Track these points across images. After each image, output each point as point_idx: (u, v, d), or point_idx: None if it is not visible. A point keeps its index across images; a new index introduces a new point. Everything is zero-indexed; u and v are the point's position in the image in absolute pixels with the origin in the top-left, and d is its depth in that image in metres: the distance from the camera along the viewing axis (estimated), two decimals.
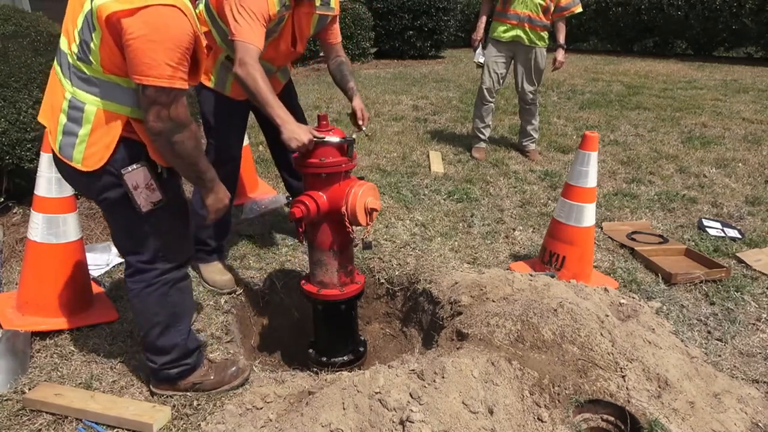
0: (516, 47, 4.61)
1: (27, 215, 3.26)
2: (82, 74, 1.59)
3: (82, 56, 1.57)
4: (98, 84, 1.59)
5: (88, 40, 1.53)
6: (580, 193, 2.76)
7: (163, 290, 1.86)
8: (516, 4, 4.46)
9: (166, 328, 1.90)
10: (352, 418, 1.67)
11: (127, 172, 1.65)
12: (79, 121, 1.62)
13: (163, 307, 1.88)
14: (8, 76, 3.43)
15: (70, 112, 1.63)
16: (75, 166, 1.66)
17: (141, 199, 1.69)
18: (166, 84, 1.49)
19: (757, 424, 1.84)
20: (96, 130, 1.62)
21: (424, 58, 11.54)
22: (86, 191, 1.81)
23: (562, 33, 4.64)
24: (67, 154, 1.66)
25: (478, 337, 2.04)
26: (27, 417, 1.89)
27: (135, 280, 1.86)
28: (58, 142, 1.67)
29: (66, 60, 1.63)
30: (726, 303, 2.67)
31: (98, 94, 1.60)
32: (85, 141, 1.63)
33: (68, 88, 1.62)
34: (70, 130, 1.64)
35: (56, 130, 1.66)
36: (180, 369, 1.97)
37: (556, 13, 4.51)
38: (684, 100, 7.13)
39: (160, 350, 1.92)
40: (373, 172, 4.41)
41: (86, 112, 1.61)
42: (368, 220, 2.13)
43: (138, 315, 1.94)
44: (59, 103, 1.65)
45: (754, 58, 11.63)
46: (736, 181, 4.33)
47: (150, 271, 1.84)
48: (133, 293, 1.87)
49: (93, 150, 1.63)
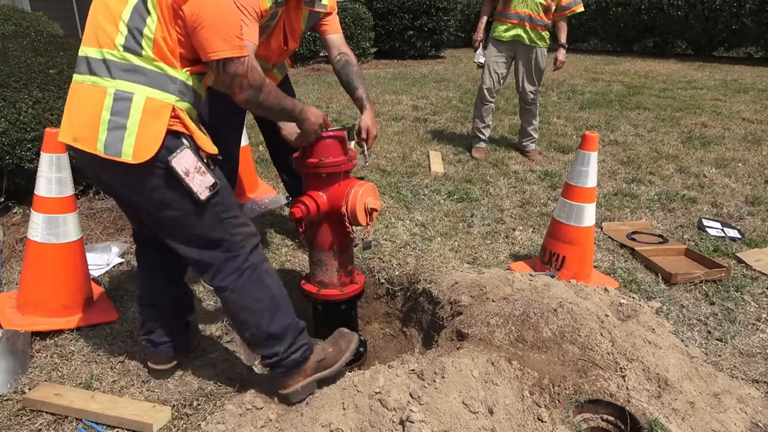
0: (516, 47, 4.60)
1: (27, 215, 3.26)
2: (127, 65, 1.61)
3: (130, 46, 1.59)
4: (146, 73, 1.61)
5: (141, 27, 1.58)
6: (580, 193, 2.76)
7: (255, 274, 1.83)
8: (516, 3, 4.44)
9: (274, 312, 1.86)
10: (352, 418, 1.67)
11: (174, 158, 1.61)
12: (126, 113, 1.60)
13: (262, 291, 1.84)
14: (8, 76, 3.43)
15: (116, 105, 1.60)
16: (125, 161, 1.60)
17: (196, 185, 1.65)
18: (239, 54, 1.61)
19: (757, 424, 1.84)
20: (145, 119, 1.60)
21: (424, 58, 11.54)
22: (137, 191, 1.70)
23: (563, 32, 4.63)
24: (115, 150, 1.61)
25: (478, 337, 2.04)
26: (27, 417, 1.89)
27: (223, 276, 1.79)
28: (102, 143, 1.61)
29: (99, 60, 1.63)
30: (726, 303, 2.67)
31: (146, 83, 1.61)
32: (134, 132, 1.59)
33: (109, 84, 1.61)
34: (117, 124, 1.60)
35: (97, 132, 1.62)
36: (302, 350, 1.91)
37: (558, 12, 4.49)
38: (684, 100, 7.13)
39: (277, 336, 1.86)
40: (373, 172, 4.41)
41: (134, 101, 1.60)
42: (368, 220, 2.13)
43: (240, 312, 1.85)
44: (97, 103, 1.62)
45: (754, 58, 11.63)
46: (736, 181, 4.33)
47: (235, 259, 1.79)
48: (227, 292, 1.81)
49: (143, 140, 1.60)
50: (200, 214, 1.71)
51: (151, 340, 2.06)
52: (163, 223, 1.76)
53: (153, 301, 2.06)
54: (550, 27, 4.57)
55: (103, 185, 1.94)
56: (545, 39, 4.59)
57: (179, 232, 1.77)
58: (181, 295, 2.14)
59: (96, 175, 1.79)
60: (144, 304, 2.08)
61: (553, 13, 4.48)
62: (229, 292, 1.81)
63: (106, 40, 1.62)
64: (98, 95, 1.63)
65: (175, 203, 1.68)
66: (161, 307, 2.06)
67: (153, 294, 2.05)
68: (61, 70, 3.68)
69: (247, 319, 1.85)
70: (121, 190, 1.80)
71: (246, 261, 1.81)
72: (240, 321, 1.87)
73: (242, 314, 1.85)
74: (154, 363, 2.08)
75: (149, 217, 1.81)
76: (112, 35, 1.61)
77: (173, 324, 2.09)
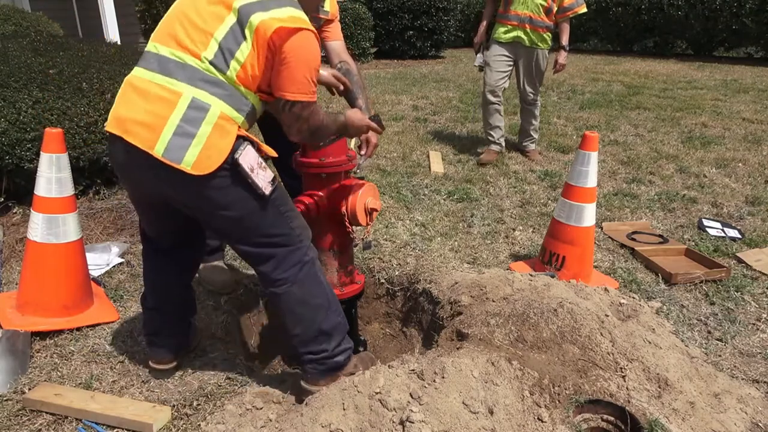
0: (517, 48, 4.56)
1: (27, 215, 3.26)
2: (211, 77, 1.62)
3: (217, 63, 1.61)
4: (226, 88, 1.63)
5: (233, 50, 1.60)
6: (580, 193, 2.76)
7: (314, 269, 1.84)
8: (516, 5, 4.41)
9: (328, 309, 1.87)
10: (352, 419, 1.67)
11: (240, 155, 1.61)
12: (198, 123, 1.59)
13: (319, 287, 1.86)
14: (8, 76, 3.43)
15: (189, 112, 1.59)
16: (183, 169, 1.58)
17: (260, 181, 1.65)
18: (309, 99, 1.66)
19: (757, 424, 1.84)
20: (214, 133, 1.59)
21: (424, 58, 11.54)
22: (192, 197, 1.68)
23: (565, 34, 4.57)
24: (176, 156, 1.58)
25: (478, 337, 2.04)
26: (27, 417, 1.89)
27: (285, 269, 1.79)
28: (163, 145, 1.59)
29: (177, 63, 1.63)
30: (726, 303, 2.67)
31: (225, 98, 1.62)
32: (201, 143, 1.58)
33: (186, 90, 1.61)
34: (185, 132, 1.59)
35: (160, 133, 1.59)
36: (345, 353, 1.93)
37: (560, 13, 4.44)
38: (684, 100, 7.13)
39: (328, 334, 1.88)
40: (373, 172, 4.41)
41: (210, 113, 1.60)
42: (368, 220, 2.13)
43: (297, 306, 1.84)
44: (168, 106, 1.60)
45: (754, 58, 11.63)
46: (736, 181, 4.33)
47: (296, 252, 1.80)
48: (287, 284, 1.80)
49: (207, 153, 1.59)
50: (263, 210, 1.71)
51: (153, 341, 2.06)
52: (222, 225, 1.75)
53: (158, 303, 2.05)
54: (552, 28, 4.52)
55: (132, 181, 1.81)
56: (546, 40, 4.54)
57: (239, 232, 1.76)
58: (187, 298, 2.14)
59: (131, 170, 1.73)
60: (148, 306, 2.07)
61: (555, 14, 4.43)
62: (289, 285, 1.80)
63: (190, 47, 1.63)
64: (171, 97, 1.61)
65: (237, 204, 1.67)
66: (166, 309, 2.05)
67: (158, 296, 2.04)
68: (61, 70, 3.69)
69: (304, 314, 1.84)
70: (164, 192, 1.72)
71: (306, 254, 1.82)
72: (296, 316, 1.85)
73: (299, 308, 1.84)
74: (155, 362, 2.08)
75: (204, 221, 1.80)
76: (199, 47, 1.62)
77: (176, 325, 2.09)
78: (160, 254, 2.00)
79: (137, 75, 1.69)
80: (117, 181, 3.72)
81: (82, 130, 3.42)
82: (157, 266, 2.02)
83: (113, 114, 1.69)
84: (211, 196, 1.65)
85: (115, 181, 3.71)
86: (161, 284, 2.04)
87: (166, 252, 1.98)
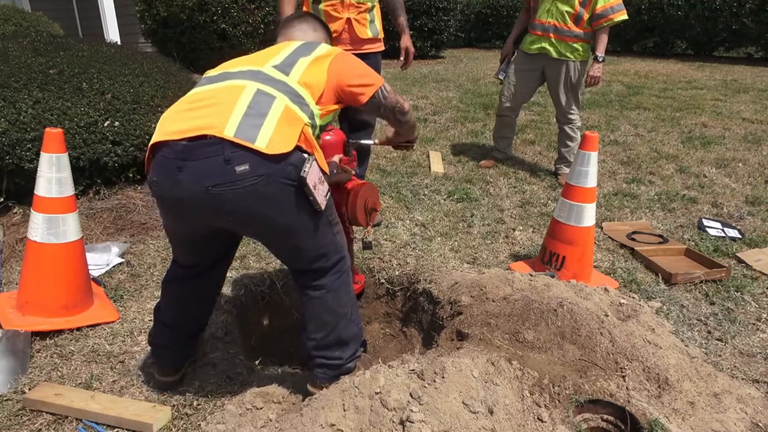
0: (545, 60, 4.16)
1: (27, 215, 3.26)
2: (272, 78, 1.68)
3: (280, 67, 1.72)
4: (288, 89, 1.67)
5: (295, 59, 1.75)
6: (580, 193, 2.76)
7: (348, 278, 1.84)
8: (541, 13, 4.05)
9: (350, 318, 1.86)
10: (352, 418, 1.67)
11: (306, 173, 1.56)
12: (267, 106, 1.58)
13: (348, 295, 1.86)
14: (8, 76, 3.43)
15: (257, 98, 1.59)
16: (257, 149, 1.50)
17: (320, 197, 1.63)
18: (383, 82, 1.85)
19: (757, 424, 1.84)
20: (282, 122, 1.57)
21: (424, 58, 11.53)
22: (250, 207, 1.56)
23: (601, 44, 4.03)
24: (250, 134, 1.51)
25: (478, 337, 2.04)
26: (27, 417, 1.89)
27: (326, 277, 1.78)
28: (234, 125, 1.51)
29: (238, 71, 1.71)
30: (726, 303, 2.67)
31: (287, 94, 1.65)
32: (273, 125, 1.55)
33: (251, 84, 1.63)
34: (255, 112, 1.56)
35: (228, 117, 1.53)
36: (356, 359, 1.93)
37: (594, 21, 3.94)
38: (684, 100, 7.13)
39: (346, 342, 1.87)
40: (373, 172, 4.41)
41: (276, 103, 1.60)
42: (368, 220, 2.13)
43: (324, 313, 1.82)
44: (235, 95, 1.59)
45: (754, 58, 11.63)
46: (736, 181, 4.33)
47: (340, 260, 1.80)
48: (323, 290, 1.78)
49: (280, 136, 1.55)
50: (316, 223, 1.70)
51: (160, 353, 2.00)
52: (273, 238, 1.73)
53: (175, 322, 1.98)
54: (584, 36, 4.02)
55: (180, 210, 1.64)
56: (579, 51, 4.06)
57: (290, 243, 1.72)
58: (207, 314, 2.09)
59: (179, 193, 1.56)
60: (164, 321, 1.98)
61: (588, 22, 3.96)
62: (324, 291, 1.79)
63: (254, 62, 1.74)
64: (233, 90, 1.61)
65: (295, 218, 1.63)
66: (182, 326, 2.00)
67: (180, 316, 1.97)
68: (61, 70, 3.69)
69: (329, 321, 1.83)
70: (217, 214, 1.59)
71: (346, 263, 1.82)
72: (321, 322, 1.83)
73: (326, 315, 1.82)
74: (160, 374, 2.02)
75: (254, 234, 1.81)
76: (264, 60, 1.74)
77: (187, 341, 2.05)
78: (193, 279, 1.92)
79: (193, 93, 1.70)
80: (117, 181, 3.72)
81: (82, 130, 3.42)
82: (182, 295, 1.95)
83: (161, 128, 1.61)
84: (272, 207, 1.59)
85: (115, 181, 3.71)
86: (181, 311, 1.96)
87: (203, 272, 1.92)
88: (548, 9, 4.02)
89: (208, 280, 1.97)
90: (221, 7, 7.61)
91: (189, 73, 4.95)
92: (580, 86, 4.22)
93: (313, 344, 1.87)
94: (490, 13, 13.54)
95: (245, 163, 1.50)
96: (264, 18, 7.97)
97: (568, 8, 3.95)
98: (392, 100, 1.87)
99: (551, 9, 4.01)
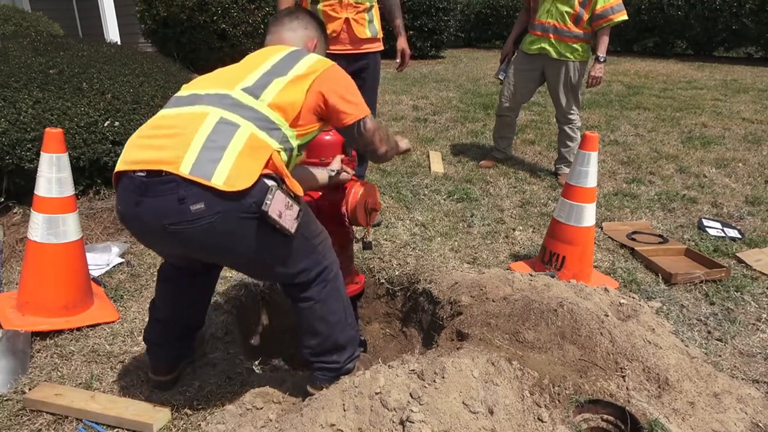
0: (545, 61, 4.17)
1: (27, 215, 3.26)
2: (239, 102, 1.60)
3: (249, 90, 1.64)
4: (255, 115, 1.59)
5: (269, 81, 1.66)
6: (580, 193, 2.76)
7: (336, 284, 1.82)
8: (541, 13, 4.05)
9: (345, 323, 1.86)
10: (352, 418, 1.67)
11: (267, 206, 1.51)
12: (228, 138, 1.51)
13: (339, 302, 1.84)
14: (8, 76, 3.43)
15: (219, 127, 1.52)
16: (214, 186, 1.45)
17: (287, 223, 1.57)
18: (368, 113, 1.78)
19: (757, 424, 1.84)
20: (243, 154, 1.50)
21: (424, 58, 11.54)
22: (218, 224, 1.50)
23: (600, 45, 4.07)
24: (206, 171, 1.45)
25: (478, 337, 2.04)
26: (27, 417, 1.89)
27: (310, 290, 1.77)
28: (191, 161, 1.46)
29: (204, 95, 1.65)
30: (726, 303, 2.67)
31: (254, 120, 1.58)
32: (232, 159, 1.48)
33: (214, 112, 1.56)
34: (214, 145, 1.49)
35: (185, 151, 1.48)
36: (354, 360, 1.94)
37: (594, 21, 3.94)
38: (684, 100, 7.13)
39: (343, 347, 1.87)
40: (373, 172, 4.41)
41: (239, 133, 1.53)
42: (368, 220, 2.13)
43: (316, 322, 1.81)
44: (196, 124, 1.53)
45: (754, 58, 11.63)
46: (736, 181, 4.33)
47: (323, 271, 1.78)
48: (311, 302, 1.78)
49: (238, 171, 1.48)
50: (289, 246, 1.66)
51: (154, 351, 1.99)
52: (247, 267, 1.74)
53: (170, 318, 1.96)
54: (584, 36, 4.03)
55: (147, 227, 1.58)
56: (579, 51, 4.07)
57: (265, 268, 1.73)
58: (203, 312, 2.08)
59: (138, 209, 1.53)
60: (158, 318, 1.95)
61: (588, 22, 3.96)
62: (313, 302, 1.78)
63: (224, 84, 1.65)
64: (195, 118, 1.54)
65: (263, 247, 1.60)
66: (176, 322, 1.98)
67: (174, 312, 1.96)
68: (61, 70, 3.69)
69: (322, 330, 1.82)
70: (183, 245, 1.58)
71: (331, 271, 1.80)
72: (313, 330, 1.83)
73: (318, 324, 1.82)
74: (154, 374, 2.01)
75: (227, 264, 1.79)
76: (236, 81, 1.66)
77: (182, 338, 2.03)
78: (186, 279, 1.91)
79: (159, 115, 1.65)
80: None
81: (82, 130, 3.42)
82: (175, 296, 1.94)
83: (125, 155, 1.57)
84: (234, 241, 1.56)
85: None
86: (175, 311, 1.95)
87: (197, 273, 1.91)
88: (548, 9, 4.02)
89: (201, 281, 1.96)
90: (221, 7, 7.61)
91: (189, 73, 4.95)
92: (580, 86, 4.22)
93: (309, 351, 1.88)
94: (490, 13, 13.55)
95: (200, 202, 1.46)
96: (264, 18, 7.97)
97: (567, 8, 3.95)
98: (369, 138, 1.80)
99: (551, 9, 4.01)
